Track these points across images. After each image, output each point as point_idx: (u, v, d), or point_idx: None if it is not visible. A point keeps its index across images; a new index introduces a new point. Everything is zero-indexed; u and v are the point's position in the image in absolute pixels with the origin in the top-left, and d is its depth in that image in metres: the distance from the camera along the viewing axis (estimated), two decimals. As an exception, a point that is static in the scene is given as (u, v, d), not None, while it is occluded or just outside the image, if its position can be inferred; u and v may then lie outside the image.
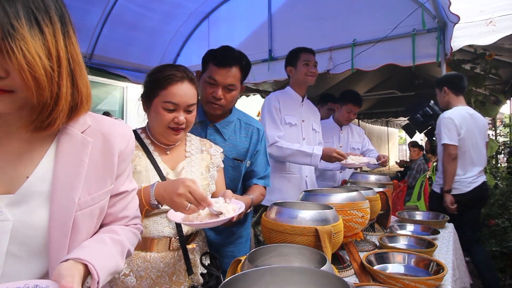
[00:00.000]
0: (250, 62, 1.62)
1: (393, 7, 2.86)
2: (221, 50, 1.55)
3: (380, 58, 2.94)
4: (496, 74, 3.66)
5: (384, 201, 1.68)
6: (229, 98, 1.55)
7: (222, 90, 1.52)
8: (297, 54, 2.37)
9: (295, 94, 2.44)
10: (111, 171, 0.80)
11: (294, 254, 0.94)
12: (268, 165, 1.76)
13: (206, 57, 1.58)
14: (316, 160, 2.21)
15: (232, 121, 1.67)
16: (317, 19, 3.25)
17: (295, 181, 2.39)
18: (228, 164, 1.59)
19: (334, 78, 5.32)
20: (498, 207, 3.58)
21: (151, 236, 1.20)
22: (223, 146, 1.58)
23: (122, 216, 0.87)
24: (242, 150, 1.65)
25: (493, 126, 6.04)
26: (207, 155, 1.39)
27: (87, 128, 0.77)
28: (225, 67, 1.50)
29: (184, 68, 1.26)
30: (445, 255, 1.43)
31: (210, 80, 1.52)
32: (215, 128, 1.63)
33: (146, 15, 3.49)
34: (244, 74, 1.59)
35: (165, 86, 1.20)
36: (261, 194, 1.66)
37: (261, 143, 1.72)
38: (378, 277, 1.13)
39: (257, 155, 1.70)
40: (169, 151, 1.32)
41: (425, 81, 6.22)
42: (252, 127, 1.71)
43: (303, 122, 2.44)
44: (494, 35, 2.27)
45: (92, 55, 3.57)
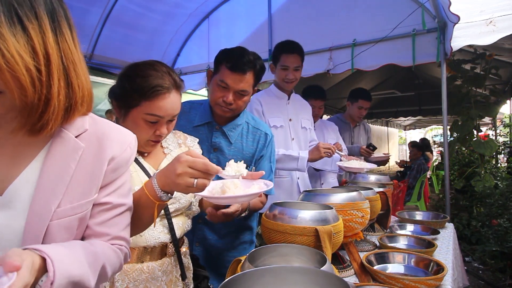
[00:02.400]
0: (264, 66, 1.54)
1: (393, 7, 2.85)
2: (236, 53, 1.46)
3: (380, 58, 2.94)
4: (496, 74, 3.65)
5: (384, 201, 1.68)
6: (240, 103, 1.49)
7: (233, 95, 1.45)
8: (277, 53, 2.19)
9: (280, 93, 2.29)
10: (97, 179, 0.73)
11: (294, 254, 0.95)
12: (271, 172, 1.66)
13: (220, 58, 1.49)
14: (303, 163, 2.08)
15: (240, 124, 1.60)
16: (317, 19, 3.24)
17: (285, 184, 2.27)
18: None
19: (334, 78, 5.33)
20: (498, 207, 3.58)
21: (147, 244, 1.11)
22: (229, 150, 1.55)
23: (100, 231, 0.76)
24: (247, 155, 1.58)
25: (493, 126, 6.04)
26: (185, 147, 1.32)
27: (83, 132, 0.73)
28: (239, 72, 1.42)
29: (169, 71, 1.11)
30: (445, 255, 1.44)
31: (222, 84, 1.45)
32: (222, 131, 1.57)
33: (146, 15, 3.49)
34: (257, 79, 1.51)
35: (151, 98, 1.05)
36: (260, 202, 1.56)
37: (267, 149, 1.63)
38: (378, 277, 1.13)
39: (261, 160, 1.63)
40: (146, 152, 1.21)
41: (425, 81, 6.23)
42: (260, 131, 1.63)
43: (290, 122, 2.28)
44: (494, 35, 2.26)
45: (92, 55, 3.57)
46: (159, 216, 1.12)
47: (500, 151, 4.88)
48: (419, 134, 18.44)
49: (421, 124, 15.34)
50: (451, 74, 3.62)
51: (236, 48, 1.49)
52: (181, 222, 1.20)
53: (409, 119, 12.40)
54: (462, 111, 3.60)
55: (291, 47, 2.17)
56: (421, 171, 5.65)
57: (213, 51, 3.93)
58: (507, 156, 5.29)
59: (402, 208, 3.67)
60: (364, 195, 1.35)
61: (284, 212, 1.07)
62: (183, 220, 1.21)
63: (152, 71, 1.08)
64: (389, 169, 14.73)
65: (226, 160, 1.54)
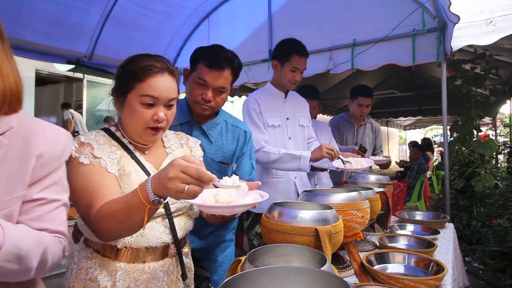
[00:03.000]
0: (241, 64, 1.54)
1: (393, 7, 2.85)
2: (213, 50, 1.46)
3: (380, 58, 2.94)
4: (496, 74, 3.66)
5: (384, 201, 1.68)
6: (219, 101, 1.50)
7: (212, 92, 1.46)
8: (288, 53, 2.14)
9: (277, 91, 2.25)
10: (24, 175, 0.73)
11: (294, 254, 0.94)
12: (253, 169, 1.68)
13: (196, 56, 1.48)
14: (305, 163, 2.03)
15: (219, 123, 1.60)
16: (317, 19, 3.25)
17: (283, 185, 2.23)
18: (214, 168, 1.54)
19: (334, 78, 5.32)
20: (498, 207, 3.58)
21: (149, 244, 1.09)
22: (209, 149, 1.55)
23: (37, 227, 0.76)
24: (228, 153, 1.59)
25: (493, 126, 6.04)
26: (187, 148, 1.31)
27: (8, 130, 0.74)
28: (217, 69, 1.43)
29: (163, 58, 1.14)
30: (445, 255, 1.43)
31: (200, 81, 1.45)
32: (201, 129, 1.57)
33: (146, 15, 3.49)
34: (235, 76, 1.52)
35: (143, 78, 1.06)
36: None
37: (247, 146, 1.65)
38: (378, 277, 1.13)
39: (242, 157, 1.64)
40: (147, 150, 1.20)
41: (425, 81, 6.22)
42: (239, 129, 1.64)
43: (287, 120, 2.25)
44: (494, 35, 2.26)
45: (92, 55, 3.57)
46: (160, 216, 1.12)
47: (500, 151, 4.88)
48: (419, 134, 18.45)
49: (421, 124, 15.34)
50: (451, 74, 3.62)
51: (213, 46, 1.49)
52: (182, 223, 1.19)
53: (409, 119, 12.40)
54: (462, 111, 3.60)
55: (304, 50, 2.15)
56: (421, 171, 5.65)
57: (213, 51, 3.94)
58: (507, 156, 5.29)
59: (402, 208, 3.67)
60: (364, 195, 1.35)
61: (284, 212, 1.07)
62: (184, 220, 1.20)
63: (145, 57, 1.11)
64: (389, 169, 14.70)
65: (208, 159, 1.52)
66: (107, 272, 1.06)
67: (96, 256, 1.08)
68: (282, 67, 2.17)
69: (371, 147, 3.18)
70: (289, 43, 2.19)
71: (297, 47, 2.15)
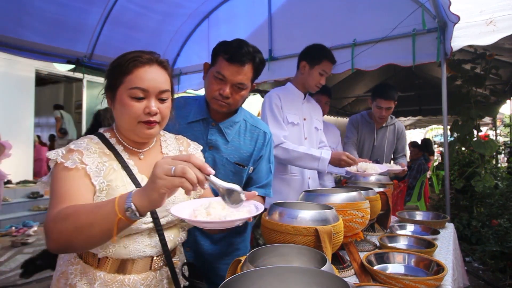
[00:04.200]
0: (264, 60, 1.48)
1: (393, 7, 2.85)
2: (234, 44, 1.39)
3: (380, 58, 2.94)
4: (496, 74, 3.66)
5: (384, 201, 1.68)
6: (237, 98, 1.41)
7: (230, 88, 1.38)
8: (320, 57, 2.19)
9: (297, 91, 2.30)
10: None
11: (294, 254, 0.94)
12: (270, 173, 1.59)
13: (217, 49, 1.42)
14: (323, 165, 2.04)
15: (237, 121, 1.52)
16: (317, 19, 3.24)
17: (296, 183, 2.26)
18: (229, 169, 1.48)
19: (334, 78, 5.33)
20: (498, 207, 3.58)
21: (131, 257, 1.03)
22: (225, 149, 1.48)
23: None
24: (245, 154, 1.50)
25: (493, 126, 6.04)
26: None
27: None
28: (236, 63, 1.35)
29: (152, 51, 1.09)
30: (445, 255, 1.43)
31: (219, 76, 1.38)
32: (218, 128, 1.49)
33: (146, 15, 3.49)
34: (256, 72, 1.45)
35: (131, 70, 1.02)
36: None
37: (266, 148, 1.55)
38: (378, 277, 1.13)
39: (260, 160, 1.54)
40: (143, 155, 1.13)
41: (425, 81, 6.23)
42: (259, 130, 1.55)
43: (304, 121, 2.29)
44: (494, 35, 2.27)
45: (92, 55, 3.58)
46: (147, 230, 1.06)
47: (500, 151, 4.88)
48: (419, 134, 18.43)
49: (421, 124, 15.32)
50: (451, 74, 3.62)
51: (235, 40, 1.43)
52: (172, 235, 1.12)
53: (409, 119, 12.37)
54: (462, 111, 3.60)
55: (334, 57, 2.22)
56: (421, 171, 5.65)
57: (213, 51, 3.95)
58: (507, 156, 5.29)
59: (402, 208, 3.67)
60: (364, 195, 1.35)
61: (284, 212, 1.07)
62: (175, 232, 1.14)
63: (133, 51, 1.07)
64: (389, 169, 14.70)
65: (223, 159, 1.46)
66: (87, 279, 1.02)
67: (79, 262, 1.04)
68: (311, 69, 2.19)
69: (390, 150, 3.02)
70: (322, 47, 2.24)
71: (329, 53, 2.21)
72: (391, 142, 3.03)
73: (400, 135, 3.07)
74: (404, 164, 2.61)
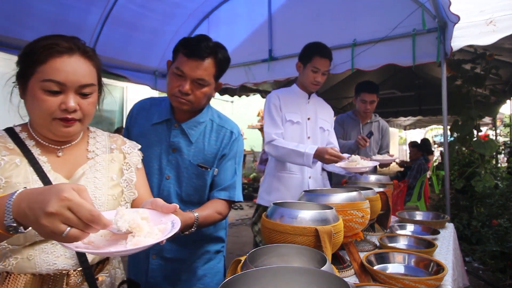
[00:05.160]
0: (228, 57, 1.40)
1: (393, 7, 2.85)
2: (194, 39, 1.34)
3: (380, 58, 2.94)
4: (496, 74, 3.66)
5: (384, 201, 1.68)
6: (199, 95, 1.34)
7: (190, 84, 1.32)
8: (310, 54, 2.20)
9: (300, 92, 2.32)
10: None
11: (294, 254, 0.94)
12: (235, 175, 1.46)
13: (177, 45, 1.37)
14: (308, 160, 2.03)
15: (203, 121, 1.44)
16: (317, 19, 3.25)
17: (295, 182, 2.25)
18: (192, 172, 1.40)
19: (334, 78, 5.33)
20: (498, 207, 3.58)
21: (38, 271, 0.86)
22: (189, 150, 1.40)
23: None
24: (209, 156, 1.42)
25: (493, 126, 6.04)
26: (119, 154, 1.09)
27: None
28: (195, 58, 1.30)
29: (76, 38, 0.95)
30: (445, 255, 1.43)
31: (178, 72, 1.31)
32: (181, 129, 1.41)
33: (146, 15, 3.49)
34: (219, 69, 1.37)
35: (45, 59, 0.87)
36: (216, 212, 1.34)
37: (231, 147, 1.45)
38: (378, 277, 1.13)
39: (222, 160, 1.44)
40: (61, 152, 0.98)
41: (425, 81, 6.23)
42: (225, 129, 1.46)
43: (308, 120, 2.30)
44: (494, 35, 2.27)
45: (92, 55, 3.57)
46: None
47: (500, 151, 4.88)
48: (419, 134, 18.45)
49: (421, 124, 15.33)
50: (451, 74, 3.62)
51: (197, 35, 1.37)
52: None
53: (409, 119, 12.39)
54: (462, 111, 3.60)
55: (325, 52, 2.19)
56: (421, 171, 5.65)
57: (213, 51, 3.94)
58: (507, 156, 5.29)
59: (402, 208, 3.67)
60: (364, 195, 1.35)
61: (284, 212, 1.07)
62: None
63: (52, 35, 0.94)
64: (389, 169, 14.72)
65: (186, 162, 1.39)
66: None
67: None
68: (304, 68, 2.23)
69: (376, 146, 3.10)
70: (313, 45, 2.24)
71: (319, 49, 2.19)
72: (376, 138, 3.11)
73: (384, 132, 3.17)
74: (393, 155, 2.66)
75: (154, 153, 1.42)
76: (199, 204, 1.37)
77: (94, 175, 0.99)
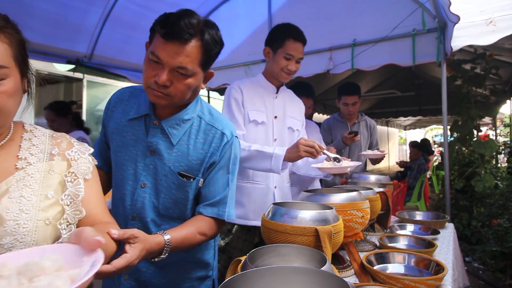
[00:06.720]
0: (220, 38, 1.09)
1: (393, 7, 2.86)
2: (174, 15, 1.03)
3: (380, 58, 2.94)
4: (496, 74, 3.66)
5: (384, 201, 1.68)
6: (180, 87, 1.04)
7: (169, 73, 1.02)
8: (283, 37, 1.81)
9: (268, 84, 1.92)
10: None
11: (294, 254, 0.94)
12: (227, 187, 1.18)
13: (154, 23, 1.08)
14: (277, 163, 1.65)
15: (188, 119, 1.15)
16: (317, 19, 3.25)
17: (259, 192, 1.87)
18: (172, 181, 1.12)
19: (334, 78, 5.32)
20: (498, 207, 3.58)
21: None
22: (169, 154, 1.12)
23: None
24: (194, 162, 1.13)
25: (493, 126, 6.05)
26: (62, 161, 0.85)
27: None
28: (174, 40, 0.99)
29: None
30: (445, 255, 1.43)
31: (153, 57, 1.02)
32: (161, 127, 1.13)
33: (146, 15, 3.49)
34: (207, 54, 1.05)
35: None
36: (199, 233, 1.08)
37: (223, 153, 1.16)
38: (378, 277, 1.13)
39: (212, 169, 1.16)
40: None
41: (425, 81, 6.23)
42: (215, 129, 1.16)
43: (275, 119, 1.91)
44: (494, 35, 2.27)
45: (92, 55, 3.57)
46: None
47: (500, 151, 4.88)
48: (419, 134, 18.46)
49: (421, 124, 15.36)
50: (451, 74, 3.63)
51: (179, 10, 1.06)
52: None
53: (409, 119, 12.41)
54: (462, 111, 3.61)
55: (300, 34, 1.84)
56: (421, 171, 5.65)
57: (213, 51, 3.94)
58: (507, 156, 5.29)
59: (402, 208, 3.67)
60: (364, 195, 1.35)
61: (284, 212, 1.07)
62: None
63: None
64: (389, 169, 14.75)
65: (165, 168, 1.12)
66: None
67: None
68: (275, 54, 1.83)
69: (366, 145, 3.10)
70: (284, 27, 1.87)
71: (292, 31, 1.83)
72: (366, 137, 3.08)
73: (372, 130, 3.14)
74: (383, 150, 2.63)
75: (130, 155, 1.15)
76: (180, 219, 1.16)
77: (21, 192, 0.76)
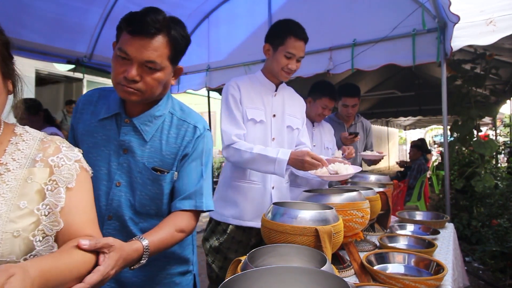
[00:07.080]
0: (187, 35, 1.14)
1: (393, 7, 2.86)
2: (140, 13, 1.07)
3: (380, 58, 2.94)
4: (496, 74, 3.66)
5: (384, 201, 1.68)
6: (150, 82, 1.07)
7: (138, 68, 1.05)
8: (284, 35, 1.77)
9: (266, 82, 1.88)
10: None
11: (294, 254, 0.94)
12: (201, 178, 1.19)
13: (120, 21, 1.10)
14: (281, 168, 1.64)
15: (160, 115, 1.18)
16: (317, 19, 3.25)
17: (255, 193, 1.82)
18: (147, 177, 1.14)
19: (334, 78, 5.32)
20: (498, 207, 3.58)
21: None
22: (142, 151, 1.15)
23: None
24: (168, 157, 1.16)
25: (493, 126, 6.05)
26: (44, 168, 0.81)
27: None
28: (141, 35, 1.03)
29: None
30: (445, 255, 1.43)
31: (121, 54, 1.06)
32: (132, 125, 1.15)
33: (146, 15, 3.50)
34: (175, 49, 1.10)
35: None
36: (177, 230, 1.07)
37: (195, 145, 1.18)
38: (378, 277, 1.13)
39: (184, 161, 1.17)
40: None
41: (425, 81, 6.24)
42: (187, 124, 1.19)
43: (273, 118, 1.86)
44: (494, 35, 2.27)
45: (92, 55, 3.58)
46: None
47: (500, 151, 4.88)
48: (419, 134, 18.47)
49: (421, 124, 15.36)
50: (451, 74, 3.63)
51: (144, 8, 1.10)
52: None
53: (409, 119, 12.42)
54: (462, 111, 3.61)
55: (302, 32, 1.79)
56: (421, 171, 5.65)
57: (213, 51, 3.95)
58: (507, 156, 5.29)
59: (402, 208, 3.67)
60: (364, 195, 1.35)
61: (284, 212, 1.07)
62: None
63: None
64: (389, 169, 14.75)
65: (139, 165, 1.14)
66: None
67: None
68: (275, 52, 1.79)
69: (362, 146, 3.08)
70: (286, 23, 1.81)
71: (294, 28, 1.78)
72: (362, 138, 3.05)
73: (368, 132, 3.11)
74: (382, 152, 2.65)
75: (102, 155, 1.16)
76: (158, 216, 1.17)
77: None
